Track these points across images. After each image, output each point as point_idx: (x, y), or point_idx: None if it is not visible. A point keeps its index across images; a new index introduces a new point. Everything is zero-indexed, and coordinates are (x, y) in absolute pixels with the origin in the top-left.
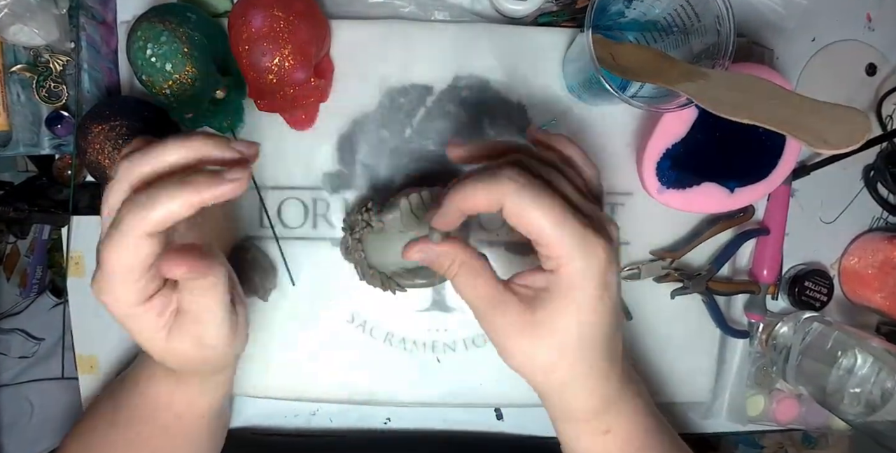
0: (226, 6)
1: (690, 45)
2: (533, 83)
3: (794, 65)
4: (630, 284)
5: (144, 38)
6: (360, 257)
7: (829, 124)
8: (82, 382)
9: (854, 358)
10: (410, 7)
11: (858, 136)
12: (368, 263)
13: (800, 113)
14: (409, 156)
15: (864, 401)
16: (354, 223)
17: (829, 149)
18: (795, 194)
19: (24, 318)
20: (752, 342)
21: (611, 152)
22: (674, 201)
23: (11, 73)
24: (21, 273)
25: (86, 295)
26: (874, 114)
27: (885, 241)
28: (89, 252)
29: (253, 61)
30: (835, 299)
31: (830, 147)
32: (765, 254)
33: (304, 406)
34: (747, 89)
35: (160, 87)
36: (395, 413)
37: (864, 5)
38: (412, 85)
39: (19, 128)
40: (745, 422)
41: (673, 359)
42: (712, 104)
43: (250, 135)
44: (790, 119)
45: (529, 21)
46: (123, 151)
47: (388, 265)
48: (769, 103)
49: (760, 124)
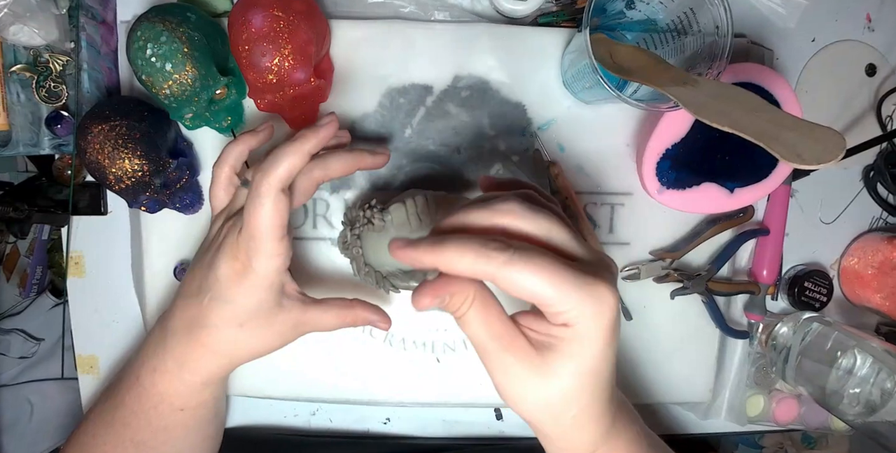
0: (226, 6)
1: (687, 47)
2: (533, 83)
3: (793, 65)
4: (630, 284)
5: (144, 38)
6: (358, 253)
7: (806, 141)
8: (82, 382)
9: (854, 359)
10: (410, 7)
11: (832, 156)
12: (365, 261)
13: (779, 127)
14: (409, 156)
15: (863, 402)
16: (355, 219)
17: (801, 164)
18: (795, 194)
19: (23, 318)
20: (751, 342)
21: (611, 152)
22: (674, 201)
23: (11, 73)
24: (21, 273)
25: (86, 295)
26: (874, 114)
27: (885, 242)
28: (89, 252)
29: (253, 61)
30: (834, 299)
31: (803, 162)
32: (764, 255)
33: (304, 406)
34: (732, 99)
35: (160, 87)
36: (395, 413)
37: (864, 5)
38: (412, 85)
39: (19, 129)
40: (745, 423)
41: (673, 359)
42: (696, 109)
43: None
44: (769, 131)
45: (529, 21)
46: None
47: (384, 264)
48: (752, 114)
49: (739, 133)
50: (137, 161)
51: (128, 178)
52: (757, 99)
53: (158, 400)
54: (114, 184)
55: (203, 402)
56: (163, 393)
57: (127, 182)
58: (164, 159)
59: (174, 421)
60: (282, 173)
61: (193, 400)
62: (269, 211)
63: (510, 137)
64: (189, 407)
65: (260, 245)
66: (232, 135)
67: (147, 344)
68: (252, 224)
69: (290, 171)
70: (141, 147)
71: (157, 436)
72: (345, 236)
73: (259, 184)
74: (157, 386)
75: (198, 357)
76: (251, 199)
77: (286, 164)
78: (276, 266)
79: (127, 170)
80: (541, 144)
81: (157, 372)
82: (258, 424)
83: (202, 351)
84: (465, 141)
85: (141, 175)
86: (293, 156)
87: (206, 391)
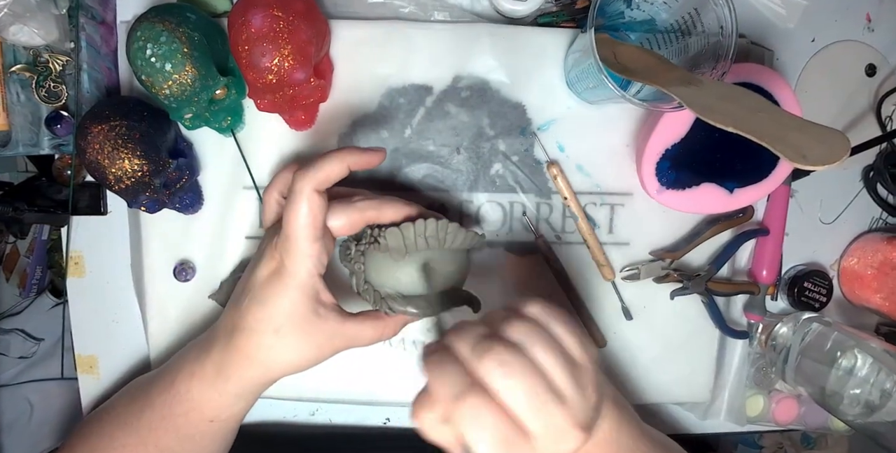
0: (226, 6)
1: (691, 47)
2: (533, 83)
3: (793, 65)
4: (630, 284)
5: (144, 38)
6: (360, 270)
7: (811, 142)
8: (82, 382)
9: (853, 359)
10: (410, 7)
11: (836, 157)
12: (366, 278)
13: (783, 128)
14: (408, 156)
15: (863, 402)
16: (362, 234)
17: (806, 164)
18: (795, 195)
19: (23, 318)
20: (751, 342)
21: (610, 152)
22: (673, 201)
23: (11, 73)
24: (21, 273)
25: (85, 295)
26: (874, 114)
27: (885, 242)
28: (89, 252)
29: (253, 61)
30: (834, 300)
31: (808, 163)
32: (764, 255)
33: (304, 406)
34: (737, 100)
35: (160, 87)
36: (395, 413)
37: (863, 5)
38: (412, 85)
39: (19, 129)
40: (745, 423)
41: (672, 359)
42: (701, 110)
43: (250, 135)
44: (773, 132)
45: (529, 21)
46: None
47: (384, 285)
48: (756, 115)
49: (744, 134)
50: (137, 161)
51: (128, 178)
52: (761, 99)
53: (190, 407)
54: (113, 184)
55: (233, 415)
56: (196, 401)
57: (127, 182)
58: (163, 159)
59: (202, 430)
60: (319, 175)
61: (224, 413)
62: (304, 210)
63: (510, 137)
64: (219, 419)
65: (293, 244)
66: (232, 135)
67: (189, 350)
68: (287, 223)
69: (327, 175)
70: (141, 147)
71: (182, 444)
72: (348, 248)
73: (296, 183)
74: (191, 393)
75: (234, 362)
76: (288, 200)
77: (326, 168)
78: (307, 267)
79: (127, 171)
80: (541, 144)
81: (195, 378)
82: (258, 424)
83: (238, 357)
84: (465, 141)
85: (141, 175)
86: (334, 162)
87: (237, 405)
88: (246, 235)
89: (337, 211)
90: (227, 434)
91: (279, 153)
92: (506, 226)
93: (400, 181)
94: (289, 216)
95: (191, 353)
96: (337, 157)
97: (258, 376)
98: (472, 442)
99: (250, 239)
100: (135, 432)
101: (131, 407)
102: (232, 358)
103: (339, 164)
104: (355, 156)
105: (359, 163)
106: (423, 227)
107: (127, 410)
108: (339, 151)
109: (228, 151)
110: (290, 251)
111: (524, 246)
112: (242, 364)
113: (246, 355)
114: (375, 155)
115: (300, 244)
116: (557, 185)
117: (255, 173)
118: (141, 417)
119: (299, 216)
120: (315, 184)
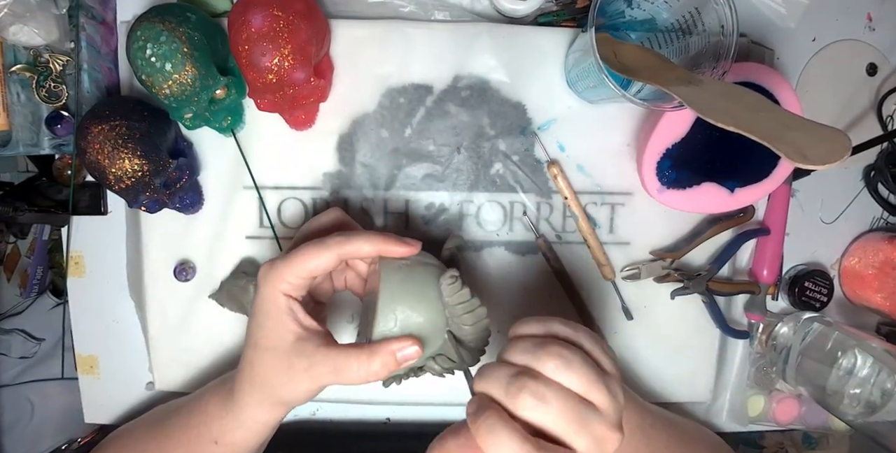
0: (226, 6)
1: (692, 46)
2: (533, 83)
3: (794, 64)
4: (630, 284)
5: (144, 38)
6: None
7: (812, 141)
8: (82, 382)
9: (854, 359)
10: (410, 7)
11: (837, 156)
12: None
13: (784, 127)
14: (408, 155)
15: (863, 402)
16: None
17: (806, 163)
18: (795, 194)
19: (24, 319)
20: (752, 342)
21: (611, 152)
22: (674, 201)
23: (11, 73)
24: (21, 273)
25: (86, 295)
26: (875, 113)
27: (886, 242)
28: (89, 252)
29: (253, 61)
30: (835, 299)
31: (808, 162)
32: (765, 255)
33: (303, 405)
34: (738, 99)
35: (160, 87)
36: (395, 412)
37: (864, 5)
38: (412, 85)
39: (19, 129)
40: (745, 423)
41: (673, 359)
42: (701, 109)
43: (250, 135)
44: (774, 131)
45: (529, 21)
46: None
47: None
48: (757, 114)
49: (744, 132)
50: (137, 161)
51: (128, 178)
52: (762, 99)
53: (201, 420)
54: (114, 184)
55: (234, 443)
56: (209, 414)
57: (127, 182)
58: (164, 159)
59: (206, 451)
60: (351, 248)
61: (227, 436)
62: (315, 254)
63: (510, 137)
64: (222, 442)
65: (282, 267)
66: (232, 135)
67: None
68: (295, 251)
69: (358, 250)
70: (141, 147)
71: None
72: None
73: (332, 238)
74: (209, 405)
75: (238, 379)
76: (314, 241)
77: (359, 244)
78: (281, 286)
79: (127, 170)
80: (541, 144)
81: (217, 393)
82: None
83: (240, 377)
84: (465, 140)
85: (141, 175)
86: (370, 242)
87: (238, 430)
88: (246, 235)
89: (312, 252)
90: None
91: (279, 153)
92: (506, 226)
93: (400, 181)
94: (301, 248)
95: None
96: (375, 243)
97: (254, 402)
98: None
99: (250, 239)
100: (153, 439)
101: (161, 414)
102: (237, 374)
103: (371, 249)
104: (391, 245)
105: (387, 250)
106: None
107: (162, 415)
108: (381, 238)
109: (228, 151)
110: (275, 268)
111: (524, 246)
112: (241, 383)
113: (244, 375)
114: (410, 247)
115: (288, 269)
116: (558, 185)
117: (255, 173)
118: (165, 422)
119: (309, 254)
120: (344, 252)
